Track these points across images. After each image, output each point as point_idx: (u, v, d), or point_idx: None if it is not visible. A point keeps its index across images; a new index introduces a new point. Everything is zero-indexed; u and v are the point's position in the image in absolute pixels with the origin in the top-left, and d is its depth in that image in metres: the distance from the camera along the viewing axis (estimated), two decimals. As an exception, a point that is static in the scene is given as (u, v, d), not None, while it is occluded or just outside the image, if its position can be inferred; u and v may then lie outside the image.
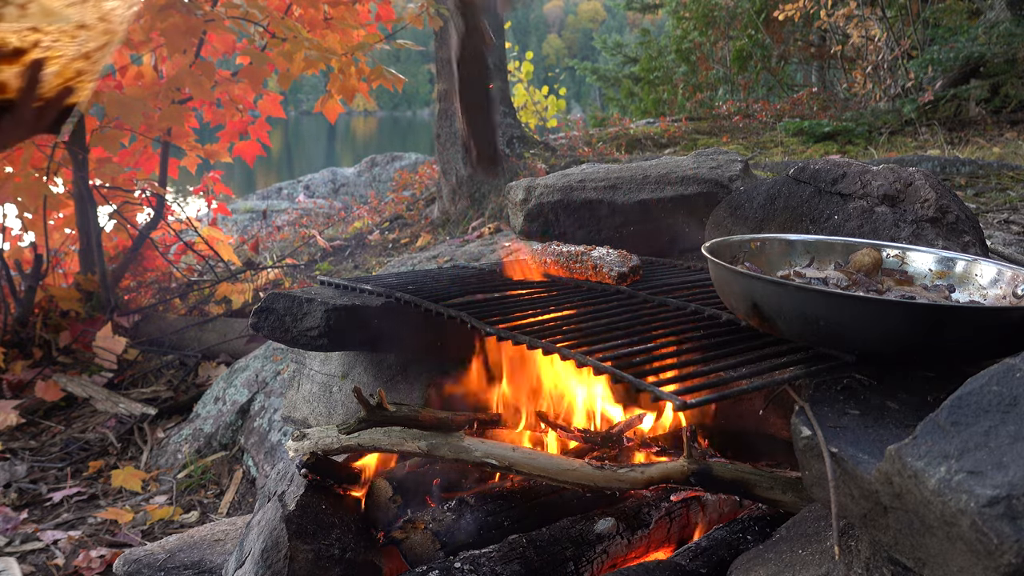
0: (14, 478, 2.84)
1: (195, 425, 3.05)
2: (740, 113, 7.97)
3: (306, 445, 1.57)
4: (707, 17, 10.84)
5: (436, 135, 5.20)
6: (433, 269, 2.16)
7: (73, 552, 2.32)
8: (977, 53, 6.06)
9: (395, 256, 4.71)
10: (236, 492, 2.68)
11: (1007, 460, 0.72)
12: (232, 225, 7.96)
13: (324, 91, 4.14)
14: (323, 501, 1.51)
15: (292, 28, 3.54)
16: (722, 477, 1.39)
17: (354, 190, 9.27)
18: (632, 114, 11.69)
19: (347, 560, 1.41)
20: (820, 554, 1.04)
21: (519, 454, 1.43)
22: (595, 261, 1.72)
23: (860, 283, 1.24)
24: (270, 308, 1.81)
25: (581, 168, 2.40)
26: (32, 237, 3.86)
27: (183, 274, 4.50)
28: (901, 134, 5.93)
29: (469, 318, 1.45)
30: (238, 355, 3.59)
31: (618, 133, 6.70)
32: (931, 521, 0.76)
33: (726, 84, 10.78)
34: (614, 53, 13.72)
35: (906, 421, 0.96)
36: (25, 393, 3.45)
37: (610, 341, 1.26)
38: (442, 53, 5.10)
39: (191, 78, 3.57)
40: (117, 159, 3.87)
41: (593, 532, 1.40)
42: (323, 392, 2.15)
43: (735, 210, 1.92)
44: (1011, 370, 0.84)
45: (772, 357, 1.14)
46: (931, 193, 1.62)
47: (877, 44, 7.62)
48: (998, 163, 3.98)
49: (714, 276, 1.25)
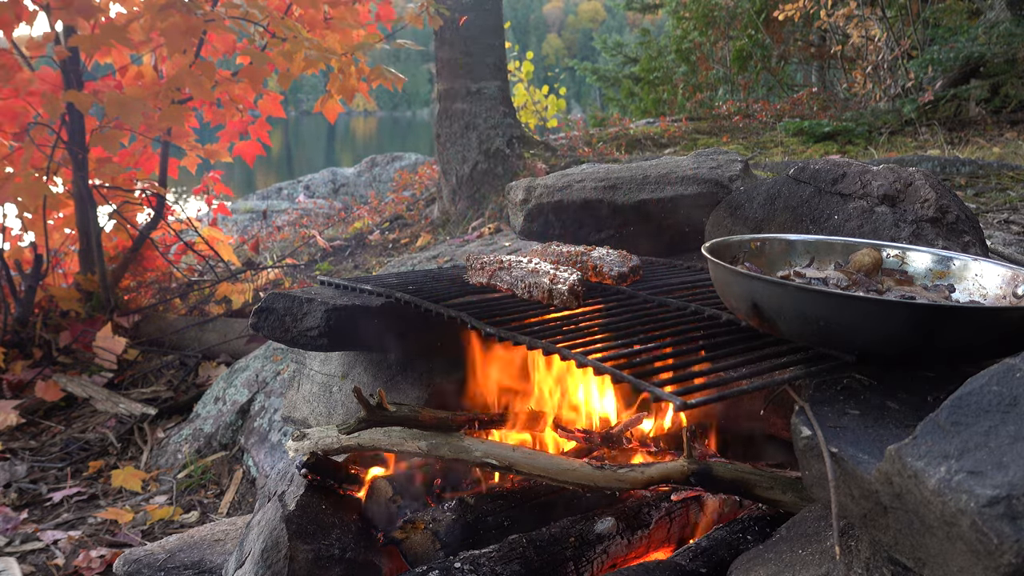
0: (14, 478, 2.84)
1: (195, 425, 3.05)
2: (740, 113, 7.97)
3: (306, 445, 1.58)
4: (707, 17, 10.84)
5: (436, 135, 5.20)
6: (433, 269, 2.16)
7: (73, 552, 2.32)
8: (977, 53, 6.06)
9: (395, 256, 4.72)
10: (236, 492, 2.68)
11: (1007, 460, 0.72)
12: (232, 225, 7.96)
13: (324, 91, 4.14)
14: (323, 501, 1.51)
15: (292, 28, 3.54)
16: (722, 477, 1.39)
17: (354, 190, 9.27)
18: (632, 114, 11.68)
19: (347, 560, 1.41)
20: (820, 554, 1.04)
21: (519, 454, 1.43)
22: (595, 261, 1.72)
23: (860, 283, 1.24)
24: (270, 308, 1.81)
25: (581, 168, 2.40)
26: (32, 237, 3.86)
27: (183, 274, 4.50)
28: (901, 134, 5.93)
29: (469, 318, 1.45)
30: (238, 355, 3.59)
31: (618, 133, 6.70)
32: (931, 521, 0.76)
33: (726, 84, 10.77)
34: (614, 53, 13.71)
35: (906, 421, 0.96)
36: (25, 393, 3.45)
37: (610, 341, 1.26)
38: (442, 53, 5.10)
39: (191, 78, 3.57)
40: (117, 159, 3.87)
41: (593, 532, 1.40)
42: (323, 392, 2.15)
43: (735, 210, 1.92)
44: (1011, 370, 0.84)
45: (772, 357, 1.14)
46: (931, 193, 1.62)
47: (877, 44, 7.62)
48: (998, 163, 3.98)
49: (714, 276, 1.25)
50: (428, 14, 4.09)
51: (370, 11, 4.43)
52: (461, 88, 5.04)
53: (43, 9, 3.45)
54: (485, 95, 5.06)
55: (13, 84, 3.59)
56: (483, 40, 5.06)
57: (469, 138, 5.00)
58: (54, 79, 3.70)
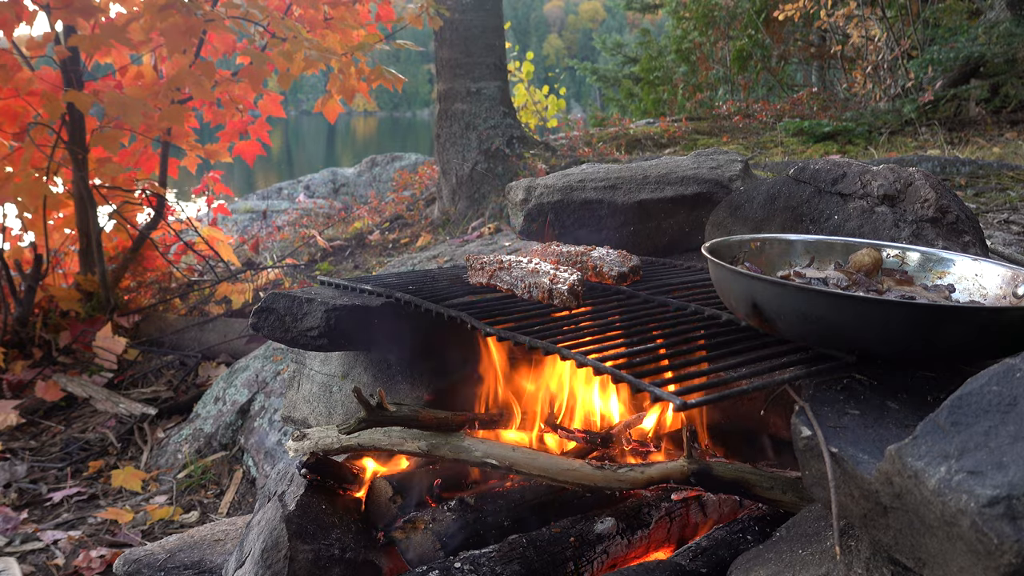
0: (14, 478, 2.84)
1: (195, 425, 3.05)
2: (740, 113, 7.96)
3: (306, 445, 1.58)
4: (707, 17, 10.84)
5: (436, 135, 5.20)
6: (433, 269, 2.16)
7: (73, 552, 2.32)
8: (977, 53, 6.06)
9: (395, 256, 4.71)
10: (236, 492, 2.68)
11: (1007, 460, 0.72)
12: (232, 225, 7.95)
13: (324, 91, 4.14)
14: (323, 501, 1.51)
15: (292, 28, 3.54)
16: (722, 477, 1.39)
17: (354, 190, 9.27)
18: (632, 114, 11.68)
19: (347, 560, 1.41)
20: (820, 554, 1.04)
21: (519, 454, 1.43)
22: (595, 261, 1.71)
23: (860, 283, 1.24)
24: (270, 308, 1.81)
25: (581, 168, 2.40)
26: (32, 237, 3.86)
27: (183, 274, 4.50)
28: (901, 134, 5.93)
29: (469, 318, 1.44)
30: (238, 355, 3.59)
31: (618, 133, 6.70)
32: (931, 521, 0.76)
33: (726, 84, 10.77)
34: (614, 53, 13.71)
35: (906, 421, 0.96)
36: (25, 393, 3.45)
37: (610, 341, 1.26)
38: (442, 53, 5.10)
39: (191, 78, 3.57)
40: (117, 159, 3.87)
41: (593, 532, 1.40)
42: (323, 392, 2.15)
43: (735, 210, 1.92)
44: (1011, 370, 0.84)
45: (772, 357, 1.14)
46: (931, 193, 1.62)
47: (877, 44, 7.62)
48: (998, 163, 3.98)
49: (714, 276, 1.25)
50: (428, 14, 4.09)
51: (370, 11, 4.43)
52: (461, 88, 5.04)
53: (43, 9, 3.45)
54: (485, 95, 5.07)
55: (13, 84, 3.59)
56: (483, 40, 5.06)
57: (469, 138, 5.00)
58: (54, 79, 3.70)
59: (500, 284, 1.65)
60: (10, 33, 3.51)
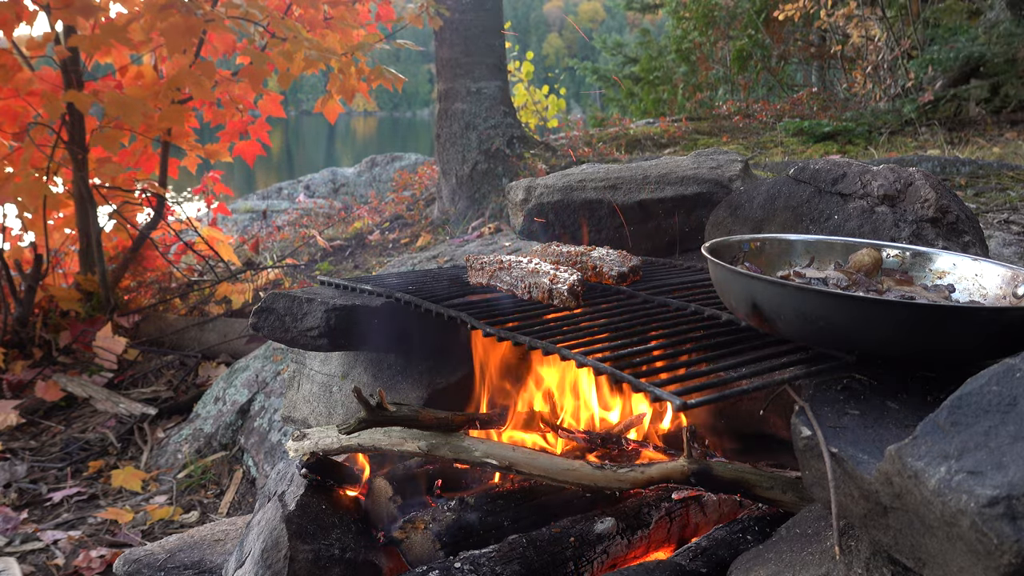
0: (14, 478, 2.84)
1: (195, 425, 3.05)
2: (740, 113, 7.96)
3: (306, 445, 1.58)
4: (707, 17, 10.83)
5: (436, 135, 5.20)
6: (433, 269, 2.16)
7: (73, 552, 2.32)
8: (977, 53, 6.05)
9: (395, 256, 4.71)
10: (236, 492, 2.68)
11: (1007, 460, 0.72)
12: (232, 225, 7.95)
13: (324, 91, 4.14)
14: (323, 501, 1.51)
15: (292, 28, 3.54)
16: (722, 477, 1.39)
17: (354, 190, 9.27)
18: (632, 114, 11.68)
19: (347, 560, 1.41)
20: (820, 554, 1.04)
21: (519, 454, 1.43)
22: (595, 261, 1.71)
23: (860, 283, 1.24)
24: (270, 308, 1.81)
25: (581, 168, 2.40)
26: (32, 237, 3.86)
27: (183, 274, 4.50)
28: (901, 134, 5.92)
29: (469, 318, 1.45)
30: (238, 355, 3.59)
31: (618, 133, 6.69)
32: (931, 521, 0.76)
33: (726, 84, 10.77)
34: (614, 53, 13.71)
35: (906, 421, 0.96)
36: (25, 393, 3.45)
37: (610, 341, 1.26)
38: (442, 53, 5.10)
39: (191, 78, 3.57)
40: (117, 159, 3.87)
41: (593, 532, 1.40)
42: (323, 392, 2.15)
43: (735, 210, 1.92)
44: (1011, 370, 0.84)
45: (772, 357, 1.14)
46: (931, 193, 1.62)
47: (877, 44, 7.61)
48: (998, 163, 3.98)
49: (714, 276, 1.25)
50: (428, 14, 4.09)
51: (370, 11, 4.43)
52: (461, 88, 5.04)
53: (43, 9, 3.45)
54: (485, 95, 5.06)
55: (13, 84, 3.59)
56: (483, 40, 5.06)
57: (469, 138, 5.00)
58: (54, 79, 3.70)
59: (500, 284, 1.65)
60: (10, 33, 3.51)
